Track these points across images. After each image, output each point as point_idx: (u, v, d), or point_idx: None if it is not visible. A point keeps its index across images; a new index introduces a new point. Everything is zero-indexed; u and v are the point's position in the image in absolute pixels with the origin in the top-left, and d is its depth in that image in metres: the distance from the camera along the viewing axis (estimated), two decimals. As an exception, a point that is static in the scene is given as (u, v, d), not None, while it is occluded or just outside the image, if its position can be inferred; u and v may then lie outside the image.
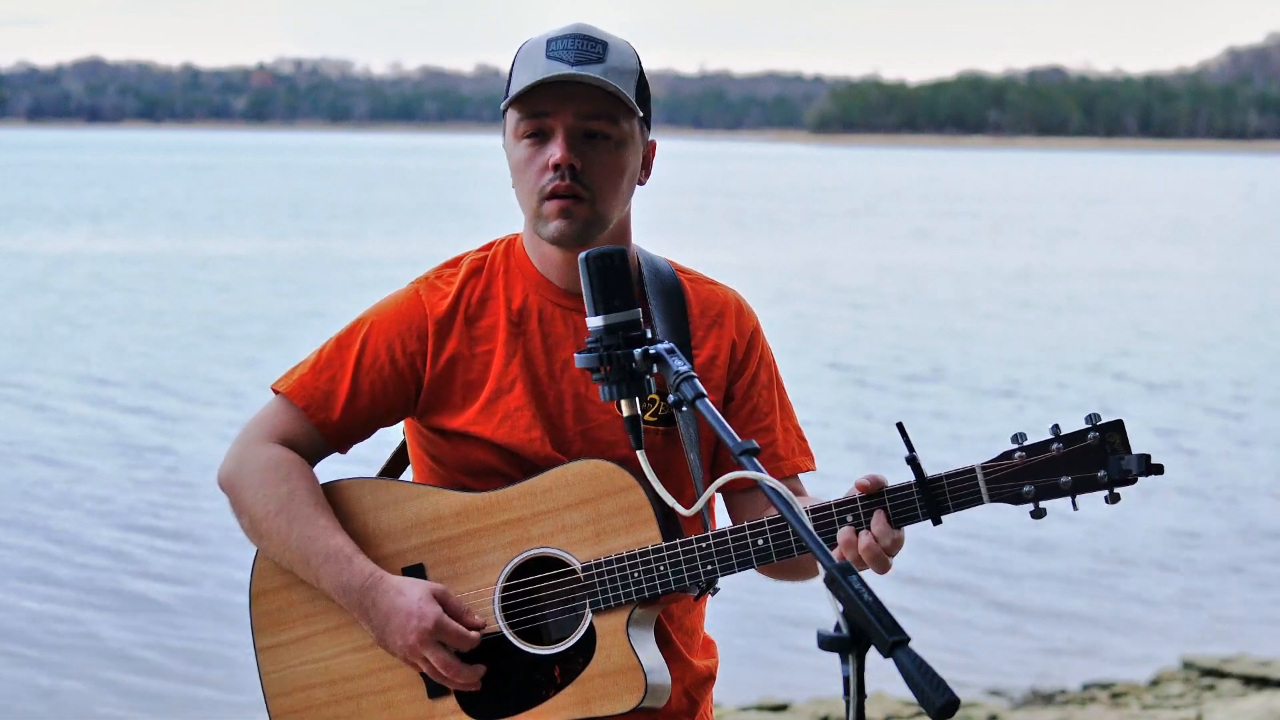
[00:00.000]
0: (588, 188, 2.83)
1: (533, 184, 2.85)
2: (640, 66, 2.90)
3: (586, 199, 2.83)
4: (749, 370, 3.00)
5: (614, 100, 2.82)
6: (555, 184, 2.82)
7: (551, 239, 2.86)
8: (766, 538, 2.77)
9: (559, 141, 2.81)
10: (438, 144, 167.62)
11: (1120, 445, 2.68)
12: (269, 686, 2.99)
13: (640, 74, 2.90)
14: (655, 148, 2.98)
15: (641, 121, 2.91)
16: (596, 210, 2.84)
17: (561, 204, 2.82)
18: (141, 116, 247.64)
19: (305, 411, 2.95)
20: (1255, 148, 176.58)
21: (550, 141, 2.83)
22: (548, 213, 2.84)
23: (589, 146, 2.83)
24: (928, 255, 37.81)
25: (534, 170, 2.85)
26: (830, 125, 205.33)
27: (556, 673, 2.85)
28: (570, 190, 2.82)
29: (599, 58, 2.82)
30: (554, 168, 2.81)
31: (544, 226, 2.86)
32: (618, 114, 2.84)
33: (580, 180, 2.82)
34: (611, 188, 2.85)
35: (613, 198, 2.86)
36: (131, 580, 10.57)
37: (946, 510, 2.72)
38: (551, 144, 2.83)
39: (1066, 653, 9.76)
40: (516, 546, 2.87)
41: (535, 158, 2.84)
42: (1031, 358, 21.29)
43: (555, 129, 2.82)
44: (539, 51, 2.84)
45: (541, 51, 2.84)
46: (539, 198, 2.84)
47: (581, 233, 2.84)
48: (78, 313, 24.13)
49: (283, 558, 2.92)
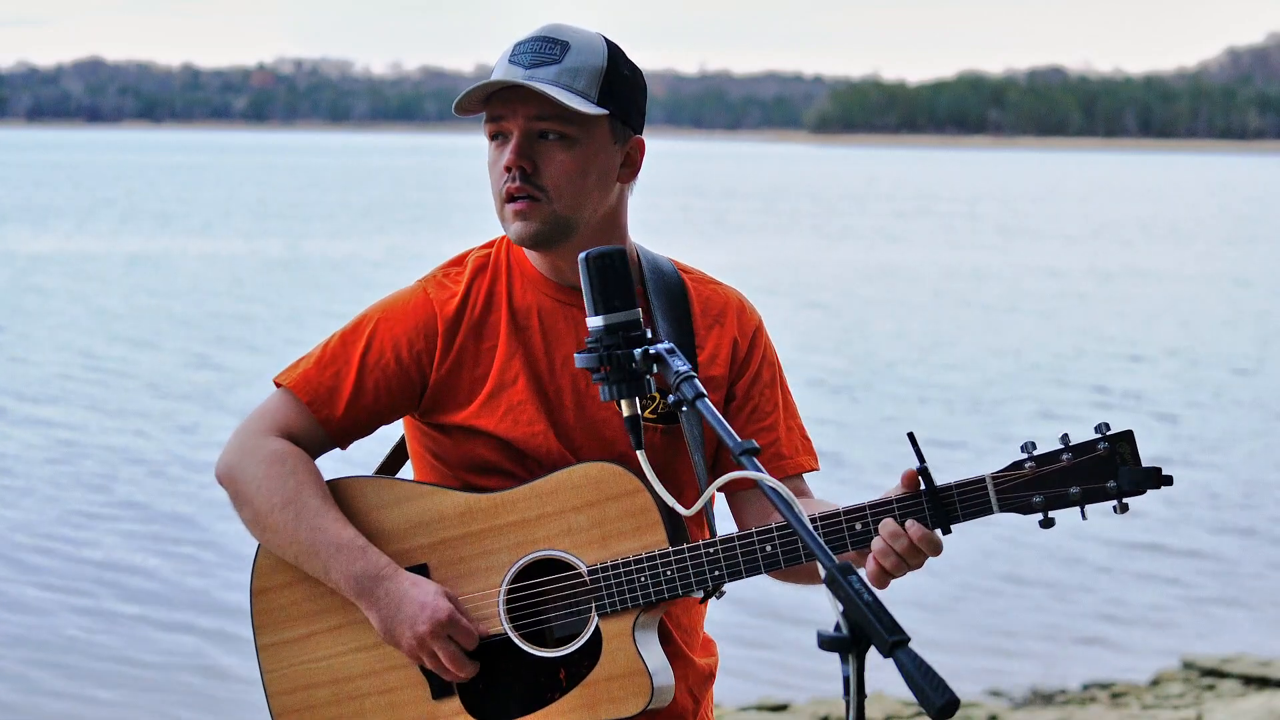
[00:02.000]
0: (542, 189, 2.84)
1: (496, 188, 2.88)
2: (610, 62, 2.87)
3: (541, 199, 2.84)
4: (751, 369, 3.00)
5: (554, 102, 2.82)
6: (509, 186, 2.85)
7: (514, 240, 2.88)
8: (775, 544, 2.77)
9: (510, 145, 2.85)
10: (438, 144, 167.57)
11: (1130, 456, 2.68)
12: (270, 685, 2.98)
13: (610, 69, 2.86)
14: (643, 145, 2.95)
15: (615, 119, 2.89)
16: (555, 210, 2.85)
17: (516, 206, 2.85)
18: (141, 116, 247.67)
19: (309, 407, 2.94)
20: (1255, 148, 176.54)
21: (507, 143, 2.86)
22: (509, 215, 2.87)
23: (542, 147, 2.84)
24: (882, 255, 37.73)
25: (495, 175, 2.88)
26: (830, 125, 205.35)
27: (561, 675, 2.84)
28: (522, 191, 2.84)
29: (555, 59, 2.83)
30: (506, 170, 2.84)
31: (508, 228, 2.88)
32: (569, 113, 2.83)
33: (532, 181, 2.84)
34: (570, 187, 2.85)
35: (574, 197, 2.85)
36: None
37: (956, 519, 2.72)
38: (505, 147, 2.86)
39: (1066, 653, 9.76)
40: (522, 548, 2.87)
41: (497, 160, 2.88)
42: (981, 361, 21.07)
43: (511, 131, 2.85)
44: (505, 57, 2.87)
45: (507, 55, 2.87)
46: (500, 200, 2.88)
47: (541, 232, 2.85)
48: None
49: (288, 551, 2.90)
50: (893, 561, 2.71)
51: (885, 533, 2.71)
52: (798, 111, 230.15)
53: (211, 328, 22.70)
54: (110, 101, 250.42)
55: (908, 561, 2.72)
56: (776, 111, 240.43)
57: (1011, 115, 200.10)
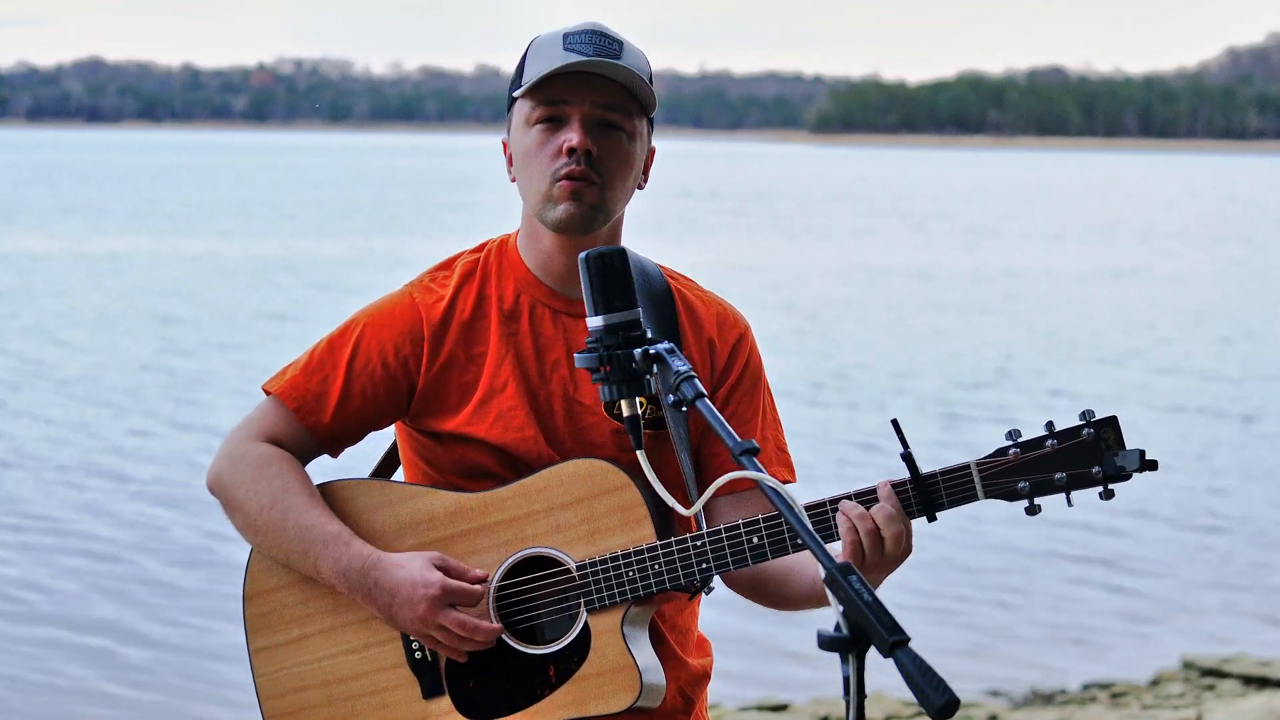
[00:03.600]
0: (600, 175, 2.83)
1: (544, 167, 2.84)
2: (650, 69, 2.92)
3: (597, 184, 2.83)
4: (731, 377, 2.99)
5: (628, 94, 2.84)
6: (570, 168, 2.82)
7: (557, 222, 2.84)
8: (762, 535, 2.76)
9: (575, 127, 2.82)
10: (438, 144, 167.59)
11: (1114, 441, 2.69)
12: (263, 689, 2.98)
13: (650, 78, 2.90)
14: (654, 154, 2.99)
15: (650, 124, 2.92)
16: (604, 198, 2.84)
17: (573, 185, 2.82)
18: (141, 116, 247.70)
19: (296, 413, 2.93)
20: (1255, 148, 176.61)
21: (565, 128, 2.83)
22: (558, 195, 2.83)
23: (604, 136, 2.83)
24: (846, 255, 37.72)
25: (546, 154, 2.84)
26: (830, 125, 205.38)
27: (551, 672, 2.84)
28: (584, 174, 2.82)
29: (615, 54, 2.83)
30: (568, 152, 2.81)
31: (551, 210, 2.84)
32: (632, 109, 2.85)
33: (594, 166, 2.82)
34: (620, 180, 2.86)
35: (620, 190, 2.87)
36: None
37: (941, 507, 2.72)
38: (566, 130, 2.83)
39: (1066, 653, 9.76)
40: (511, 546, 2.86)
41: (548, 143, 2.84)
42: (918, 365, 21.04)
43: (571, 116, 2.83)
44: (555, 44, 2.84)
45: (558, 44, 2.84)
46: (550, 180, 2.83)
47: (587, 217, 2.84)
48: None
49: (280, 551, 2.90)
50: (851, 547, 2.69)
51: (853, 515, 2.70)
52: (798, 111, 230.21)
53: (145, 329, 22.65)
54: (110, 101, 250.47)
55: (875, 549, 2.69)
56: (776, 111, 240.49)
57: (1011, 115, 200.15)
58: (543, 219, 2.87)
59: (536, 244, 2.94)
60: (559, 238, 2.89)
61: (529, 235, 2.95)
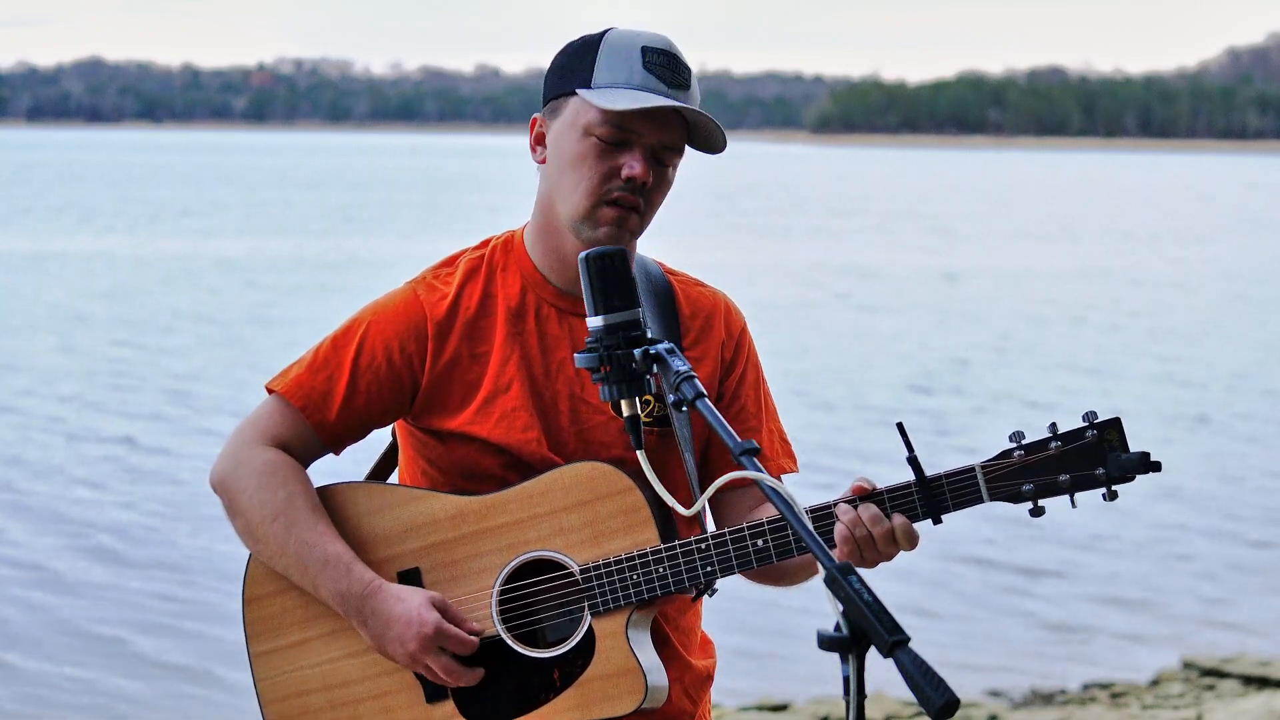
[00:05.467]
0: (646, 203, 2.85)
1: (594, 184, 2.82)
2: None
3: (641, 211, 2.85)
4: (737, 371, 3.00)
5: (685, 133, 2.85)
6: (624, 195, 2.82)
7: (594, 241, 2.83)
8: (766, 538, 2.76)
9: (638, 156, 2.81)
10: (438, 144, 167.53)
11: (1118, 443, 2.69)
12: (264, 692, 2.98)
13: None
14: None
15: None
16: (643, 224, 2.87)
17: (620, 213, 2.83)
18: (141, 116, 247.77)
19: (302, 412, 2.93)
20: (1255, 148, 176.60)
21: (625, 152, 2.82)
22: (603, 218, 2.83)
23: (658, 167, 2.85)
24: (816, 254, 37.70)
25: (599, 171, 2.82)
26: (830, 125, 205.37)
27: (555, 676, 2.84)
28: (634, 204, 2.83)
29: (687, 85, 2.87)
30: (627, 180, 2.81)
31: (591, 229, 2.84)
32: (682, 148, 2.87)
33: (643, 195, 2.84)
34: (657, 206, 2.89)
35: (652, 217, 2.90)
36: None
37: (946, 510, 2.72)
38: (628, 154, 2.81)
39: (1066, 653, 9.76)
40: (513, 550, 2.86)
41: (604, 159, 2.82)
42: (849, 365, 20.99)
43: (634, 142, 2.82)
44: (634, 58, 2.83)
45: (637, 59, 2.83)
46: (598, 199, 2.83)
47: (623, 241, 2.85)
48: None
49: (279, 563, 2.90)
50: (848, 550, 2.70)
51: (846, 520, 2.70)
52: (798, 111, 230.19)
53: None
54: (110, 101, 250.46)
55: (868, 551, 2.70)
56: (776, 111, 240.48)
57: (1011, 115, 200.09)
58: (577, 232, 2.86)
59: (554, 243, 2.92)
60: (578, 241, 2.88)
61: (545, 231, 2.93)
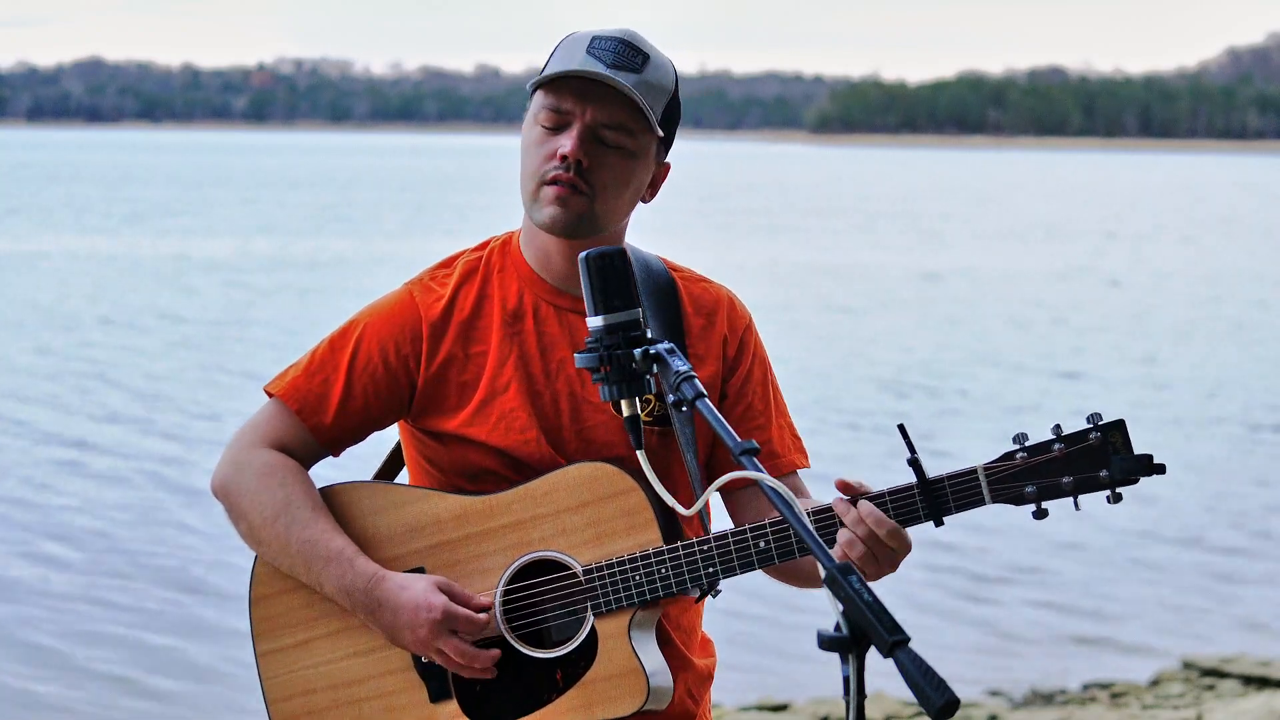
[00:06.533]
0: (590, 186, 2.81)
1: (535, 167, 2.83)
2: (676, 89, 2.89)
3: (586, 194, 2.81)
4: (743, 367, 2.99)
5: (636, 112, 2.81)
6: (557, 173, 2.81)
7: (543, 224, 2.84)
8: (768, 539, 2.76)
9: (572, 134, 2.80)
10: (438, 144, 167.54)
11: (1122, 445, 2.68)
12: (270, 691, 2.99)
13: (673, 96, 2.88)
14: (668, 171, 2.97)
15: (661, 143, 2.89)
16: (594, 208, 2.83)
17: (559, 190, 2.81)
18: (141, 116, 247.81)
19: (299, 415, 2.93)
20: (1255, 148, 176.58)
21: (564, 133, 2.81)
22: (544, 198, 2.82)
23: (600, 150, 2.81)
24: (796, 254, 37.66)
25: (540, 154, 2.83)
26: (830, 125, 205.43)
27: (558, 676, 2.84)
28: (570, 181, 2.80)
29: (636, 68, 2.82)
30: (560, 158, 2.80)
31: (538, 211, 2.84)
32: (635, 128, 2.82)
33: (583, 176, 2.81)
34: (614, 195, 2.84)
35: (612, 205, 2.85)
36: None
37: (949, 511, 2.71)
38: (564, 135, 2.81)
39: (1066, 653, 9.76)
40: (517, 550, 2.86)
41: (545, 142, 2.82)
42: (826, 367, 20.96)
43: (573, 123, 2.81)
44: (581, 45, 2.83)
45: (583, 46, 2.83)
46: (538, 181, 2.83)
47: (572, 223, 2.82)
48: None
49: (283, 563, 2.91)
50: (858, 552, 2.69)
51: (849, 521, 2.70)
52: (798, 111, 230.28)
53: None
54: (110, 101, 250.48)
55: (875, 552, 2.69)
56: (776, 111, 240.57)
57: (1011, 115, 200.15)
58: (531, 217, 2.87)
59: (536, 241, 2.93)
60: (553, 236, 2.88)
61: (529, 233, 2.95)
